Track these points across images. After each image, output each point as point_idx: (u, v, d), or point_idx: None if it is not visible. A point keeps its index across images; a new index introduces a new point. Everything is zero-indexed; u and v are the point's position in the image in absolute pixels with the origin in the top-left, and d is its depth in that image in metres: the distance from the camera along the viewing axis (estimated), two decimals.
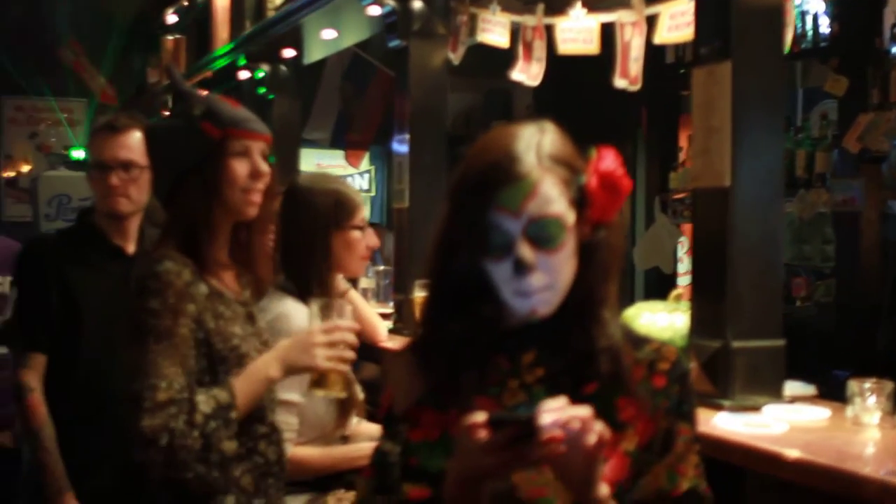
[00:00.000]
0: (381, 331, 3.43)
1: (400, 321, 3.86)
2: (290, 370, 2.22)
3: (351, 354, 2.25)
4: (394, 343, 3.38)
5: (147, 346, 2.04)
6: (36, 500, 2.92)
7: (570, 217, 1.57)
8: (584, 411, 1.40)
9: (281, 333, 2.56)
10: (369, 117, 8.48)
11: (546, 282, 1.56)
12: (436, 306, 1.68)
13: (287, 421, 2.50)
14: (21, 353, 2.90)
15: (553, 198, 1.55)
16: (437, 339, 1.65)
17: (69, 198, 5.98)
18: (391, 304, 4.13)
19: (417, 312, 3.58)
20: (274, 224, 2.75)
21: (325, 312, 2.29)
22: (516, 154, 1.57)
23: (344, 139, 8.56)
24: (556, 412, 1.38)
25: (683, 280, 6.05)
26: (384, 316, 3.87)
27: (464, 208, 1.59)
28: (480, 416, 1.40)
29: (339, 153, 8.66)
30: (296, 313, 2.67)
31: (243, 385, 2.13)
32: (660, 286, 5.82)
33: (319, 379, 2.28)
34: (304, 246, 2.76)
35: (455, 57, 3.99)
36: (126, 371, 2.09)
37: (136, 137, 2.96)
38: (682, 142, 6.19)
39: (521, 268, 1.54)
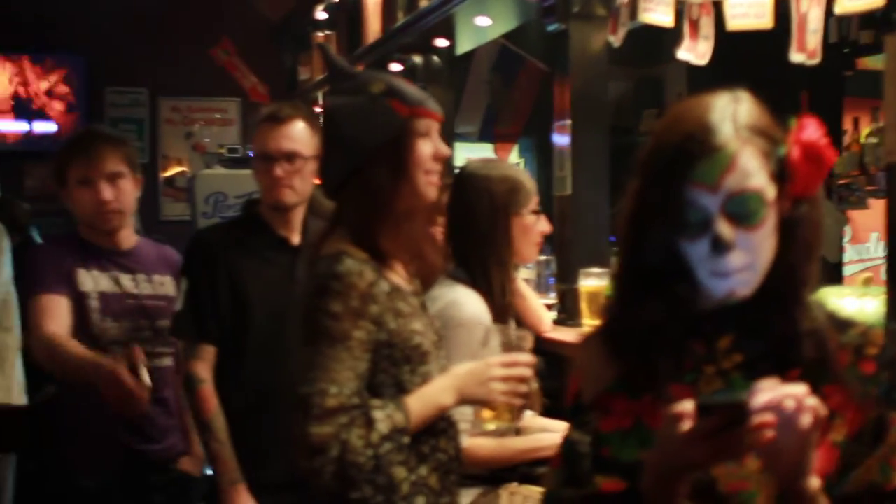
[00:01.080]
0: (546, 321, 3.36)
1: (564, 312, 3.77)
2: (464, 400, 2.16)
3: (526, 388, 2.18)
4: (559, 334, 3.30)
5: (320, 349, 1.99)
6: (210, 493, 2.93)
7: (770, 191, 1.47)
8: (798, 389, 1.30)
9: (452, 321, 2.52)
10: (518, 110, 8.41)
11: (746, 261, 1.46)
12: (627, 288, 1.59)
13: (461, 411, 2.45)
14: (192, 344, 2.91)
15: (752, 171, 1.46)
16: (628, 323, 1.56)
17: (225, 195, 6.05)
18: (552, 294, 4.05)
19: (583, 302, 3.52)
20: (442, 211, 2.72)
21: (504, 342, 2.25)
22: (712, 125, 1.48)
23: (492, 132, 8.50)
24: (769, 391, 1.29)
25: (851, 269, 5.81)
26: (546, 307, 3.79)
27: (656, 184, 1.50)
28: (688, 405, 1.31)
29: (488, 146, 8.60)
30: (467, 301, 2.62)
31: (417, 408, 2.07)
32: (825, 276, 5.58)
33: (490, 409, 2.24)
34: (480, 233, 2.70)
35: (615, 39, 3.88)
36: (296, 372, 2.04)
37: (299, 128, 2.95)
38: (847, 125, 5.94)
39: (720, 246, 1.45)
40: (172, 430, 3.18)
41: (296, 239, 3.00)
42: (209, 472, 2.96)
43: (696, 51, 3.76)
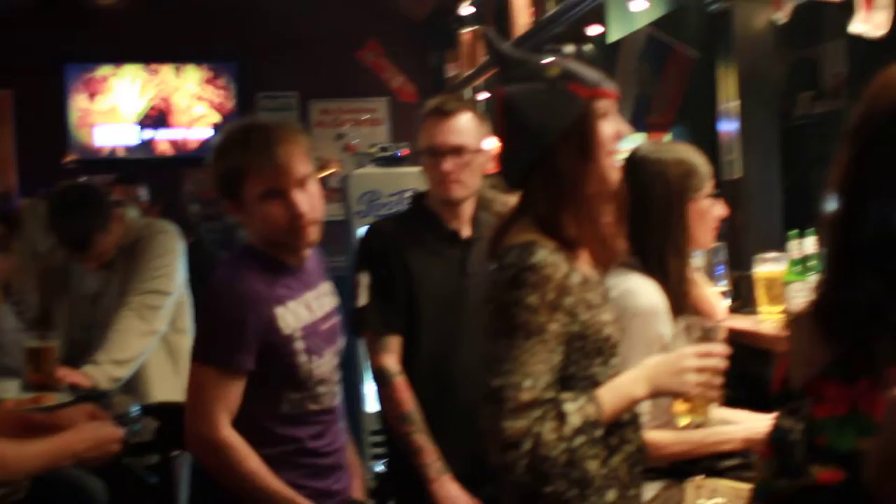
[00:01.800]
0: (720, 310, 3.26)
1: (737, 299, 3.65)
2: (657, 392, 2.09)
3: (720, 381, 2.10)
4: (734, 322, 3.20)
5: (515, 342, 1.94)
6: (407, 487, 2.92)
7: None
8: None
9: (627, 311, 2.44)
10: (669, 98, 8.25)
11: None
12: (840, 265, 1.50)
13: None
14: (379, 337, 2.90)
15: None
16: (843, 302, 1.47)
17: (378, 194, 6.09)
18: (723, 282, 3.94)
19: (759, 289, 3.40)
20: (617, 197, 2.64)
21: (693, 333, 2.16)
22: None
23: (644, 122, 8.37)
24: None
25: None
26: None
27: (874, 150, 1.41)
28: None
29: (641, 137, 8.47)
30: (643, 290, 2.54)
31: (609, 400, 2.01)
32: None
33: (684, 403, 2.16)
34: (655, 219, 2.61)
35: (781, 16, 3.74)
36: (482, 364, 2.00)
37: (465, 120, 2.92)
38: None
39: None
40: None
41: (465, 232, 2.97)
42: None
43: (871, 21, 3.59)
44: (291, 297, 2.50)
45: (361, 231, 4.16)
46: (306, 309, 2.54)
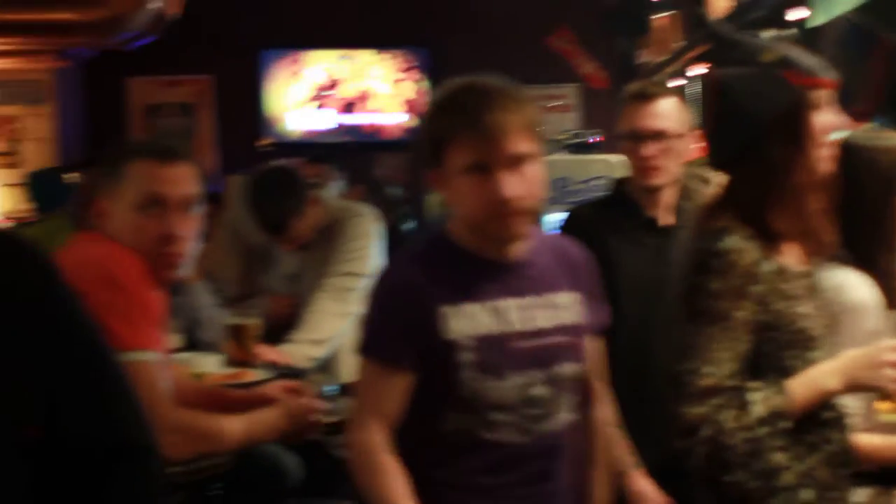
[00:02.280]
0: None
1: None
2: (853, 386, 2.00)
3: None
4: None
5: (699, 328, 1.93)
6: None
7: None
8: None
9: (837, 306, 2.34)
10: (872, 86, 7.91)
11: None
12: None
13: (852, 404, 2.27)
14: None
15: None
16: None
17: (568, 181, 6.04)
18: None
19: None
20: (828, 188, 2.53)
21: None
22: None
23: (848, 110, 8.04)
24: None
25: None
26: None
27: None
28: None
29: (844, 125, 8.15)
30: (852, 284, 2.42)
31: (800, 391, 1.95)
32: None
33: (885, 399, 2.08)
34: (867, 211, 2.49)
35: None
36: (672, 350, 1.98)
37: (667, 105, 2.85)
38: None
39: None
40: None
41: (665, 220, 2.90)
42: None
43: None
44: (473, 298, 2.04)
45: (549, 218, 4.12)
46: (493, 316, 2.05)
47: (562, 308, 2.12)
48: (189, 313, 3.79)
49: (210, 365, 3.18)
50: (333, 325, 3.64)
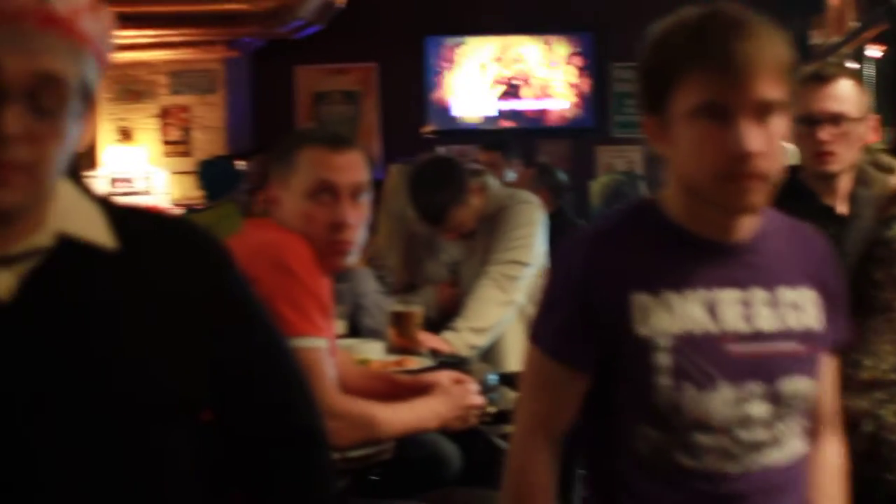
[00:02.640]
0: None
1: None
2: None
3: None
4: None
5: (860, 319, 1.82)
6: None
7: None
8: None
9: None
10: None
11: None
12: None
13: None
14: None
15: None
16: None
17: None
18: None
19: None
20: None
21: None
22: None
23: None
24: None
25: None
26: None
27: None
28: None
29: None
30: None
31: None
32: None
33: None
34: None
35: None
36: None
37: (846, 87, 2.72)
38: None
39: None
40: None
41: (841, 208, 2.78)
42: None
43: None
44: (678, 285, 1.64)
45: None
46: (703, 310, 1.64)
47: (794, 307, 1.68)
48: (353, 300, 3.83)
49: (373, 352, 3.20)
50: (496, 314, 3.62)
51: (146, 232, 1.44)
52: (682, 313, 1.62)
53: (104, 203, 1.44)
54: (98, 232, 1.38)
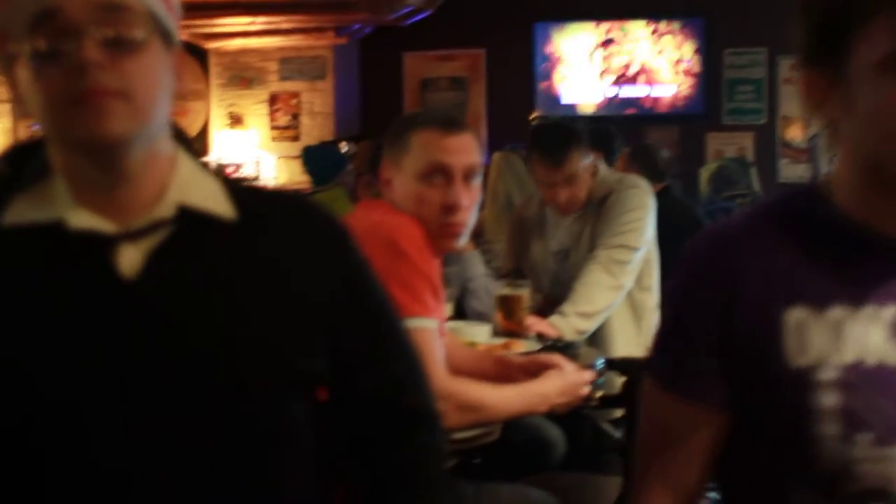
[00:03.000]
0: None
1: None
2: None
3: None
4: None
5: None
6: None
7: None
8: None
9: None
10: None
11: None
12: None
13: None
14: None
15: None
16: None
17: None
18: None
19: None
20: None
21: None
22: None
23: None
24: None
25: None
26: None
27: None
28: None
29: None
30: None
31: None
32: None
33: None
34: None
35: None
36: None
37: None
38: None
39: None
40: None
41: None
42: None
43: None
44: (850, 299, 1.24)
45: None
46: (887, 334, 1.23)
47: None
48: (461, 283, 3.82)
49: (479, 335, 3.19)
50: (604, 299, 3.58)
51: (266, 207, 1.44)
52: (855, 337, 1.22)
53: (223, 178, 1.44)
54: (219, 204, 1.38)
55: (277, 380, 1.37)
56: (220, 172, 1.47)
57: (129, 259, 1.30)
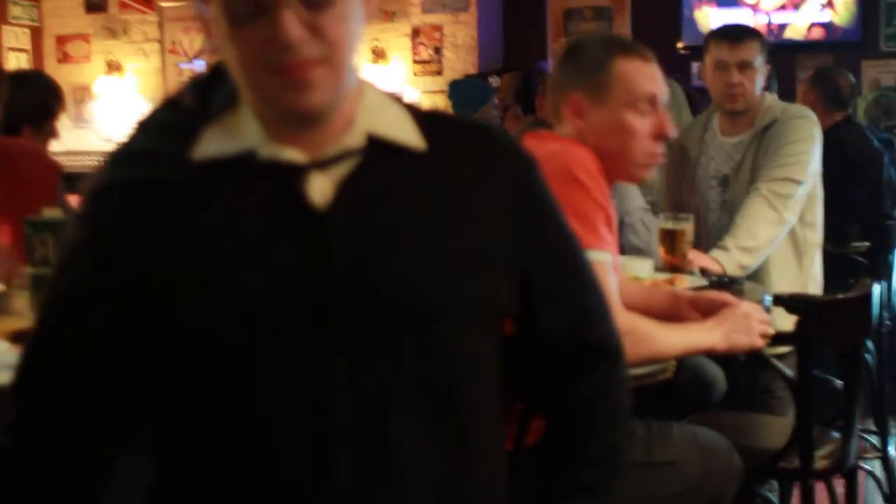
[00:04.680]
0: None
1: None
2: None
3: None
4: None
5: None
6: None
7: None
8: None
9: None
10: None
11: None
12: None
13: None
14: None
15: None
16: None
17: None
18: None
19: None
20: None
21: None
22: None
23: None
24: None
25: None
26: None
27: None
28: None
29: None
30: None
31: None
32: None
33: None
34: None
35: None
36: None
37: None
38: None
39: None
40: None
41: None
42: None
43: None
44: None
45: None
46: None
47: None
48: (620, 217, 3.77)
49: (642, 269, 3.13)
50: (767, 233, 3.49)
51: (452, 134, 1.42)
52: None
53: (408, 106, 1.42)
54: (407, 133, 1.37)
55: (466, 310, 1.37)
56: (404, 100, 1.45)
57: (320, 188, 1.31)
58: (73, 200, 2.92)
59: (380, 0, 9.00)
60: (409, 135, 1.36)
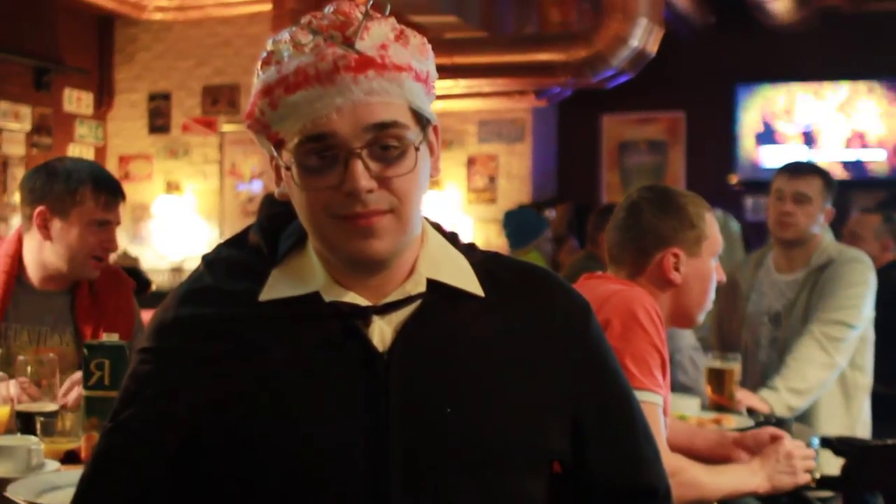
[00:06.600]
0: None
1: None
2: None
3: None
4: None
5: None
6: None
7: None
8: None
9: None
10: None
11: None
12: None
13: None
14: None
15: None
16: None
17: None
18: None
19: None
20: None
21: None
22: None
23: None
24: None
25: None
26: None
27: None
28: None
29: None
30: None
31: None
32: None
33: None
34: None
35: None
36: None
37: None
38: None
39: None
40: None
41: None
42: None
43: None
44: None
45: None
46: None
47: None
48: (671, 353, 3.76)
49: (689, 408, 3.12)
50: (817, 376, 3.46)
51: (509, 280, 1.45)
52: None
53: (468, 250, 1.47)
54: (468, 280, 1.41)
55: (521, 455, 1.38)
56: (464, 243, 1.49)
57: (380, 332, 1.35)
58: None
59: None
60: (468, 283, 1.40)
